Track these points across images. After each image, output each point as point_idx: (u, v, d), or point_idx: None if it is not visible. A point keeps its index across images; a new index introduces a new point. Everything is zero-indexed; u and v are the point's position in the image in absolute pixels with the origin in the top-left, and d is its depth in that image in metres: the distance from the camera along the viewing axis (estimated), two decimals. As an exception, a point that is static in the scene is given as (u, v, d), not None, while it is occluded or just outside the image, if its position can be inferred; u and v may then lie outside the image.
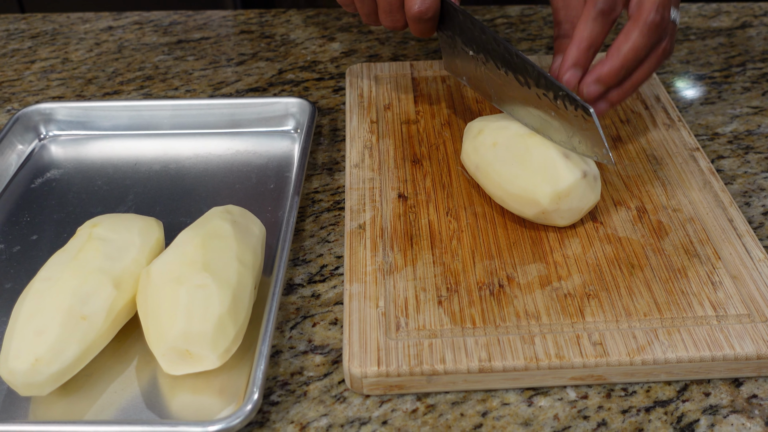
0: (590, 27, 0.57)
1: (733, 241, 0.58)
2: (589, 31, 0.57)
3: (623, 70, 0.57)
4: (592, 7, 0.57)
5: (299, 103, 0.75)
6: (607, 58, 0.57)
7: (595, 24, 0.57)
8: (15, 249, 0.63)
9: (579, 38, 0.57)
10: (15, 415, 0.50)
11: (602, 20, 0.57)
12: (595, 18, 0.57)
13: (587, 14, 0.57)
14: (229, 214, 0.57)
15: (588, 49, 0.57)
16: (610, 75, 0.57)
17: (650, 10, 0.56)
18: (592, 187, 0.58)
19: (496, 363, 0.50)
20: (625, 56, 0.56)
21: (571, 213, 0.57)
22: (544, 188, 0.56)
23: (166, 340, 0.49)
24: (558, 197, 0.56)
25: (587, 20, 0.57)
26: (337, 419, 0.50)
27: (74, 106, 0.76)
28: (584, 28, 0.57)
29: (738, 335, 0.51)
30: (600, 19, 0.57)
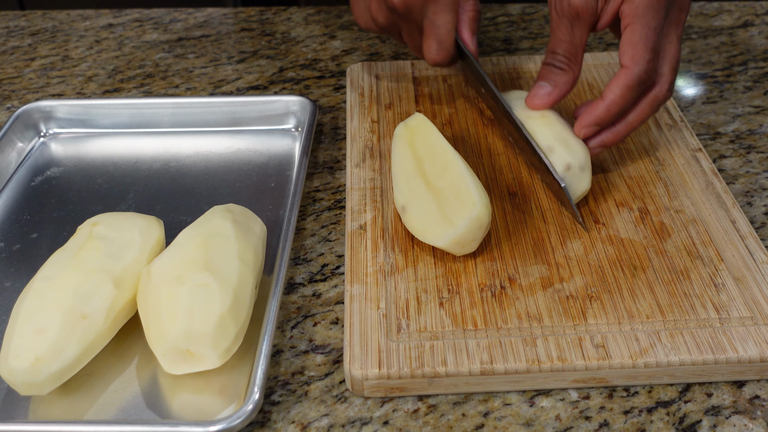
0: (625, 93, 0.58)
1: (735, 243, 0.57)
2: (623, 97, 0.58)
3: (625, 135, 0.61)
4: (631, 74, 0.57)
5: (300, 102, 0.75)
6: (602, 98, 0.59)
7: (630, 92, 0.58)
8: (15, 247, 0.63)
9: (612, 101, 0.58)
10: (15, 414, 0.50)
11: (638, 89, 0.58)
12: (632, 87, 0.58)
13: (626, 80, 0.57)
14: (230, 212, 0.56)
15: (617, 113, 0.59)
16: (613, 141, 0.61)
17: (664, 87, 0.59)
18: (579, 178, 0.60)
19: (497, 365, 0.50)
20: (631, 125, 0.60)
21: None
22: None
23: (166, 340, 0.49)
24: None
25: (624, 86, 0.58)
26: (339, 419, 0.50)
27: (74, 104, 0.76)
28: (620, 93, 0.58)
29: (741, 338, 0.51)
30: (637, 88, 0.58)
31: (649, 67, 0.57)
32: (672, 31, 0.59)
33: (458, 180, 0.56)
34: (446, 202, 0.56)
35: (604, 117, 0.59)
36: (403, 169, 0.60)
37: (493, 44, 0.89)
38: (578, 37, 0.60)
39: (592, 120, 0.60)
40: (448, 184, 0.57)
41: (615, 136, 0.61)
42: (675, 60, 0.59)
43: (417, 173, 0.59)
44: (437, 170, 0.58)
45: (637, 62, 0.57)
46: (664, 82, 0.59)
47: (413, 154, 0.60)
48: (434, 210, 0.56)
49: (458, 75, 0.78)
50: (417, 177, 0.59)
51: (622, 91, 0.58)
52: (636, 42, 0.57)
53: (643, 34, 0.57)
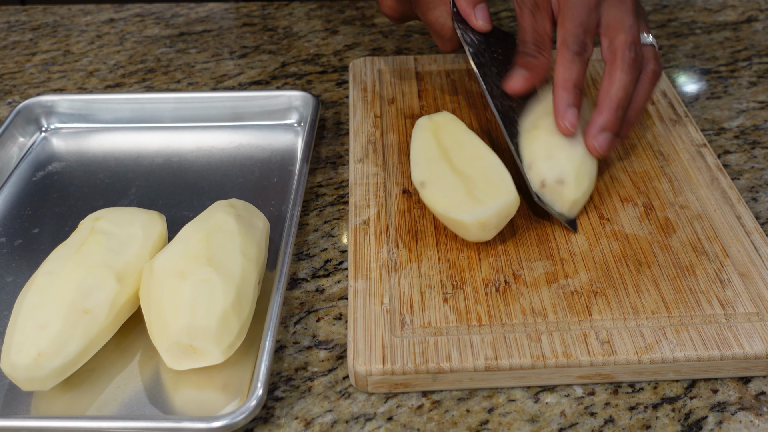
0: (571, 67, 0.60)
1: (741, 239, 0.57)
2: (572, 71, 0.60)
3: (620, 110, 0.60)
4: (566, 50, 0.60)
5: (302, 97, 0.74)
6: (601, 104, 0.60)
7: (573, 64, 0.60)
8: (17, 242, 0.62)
9: (564, 78, 0.60)
10: (17, 410, 0.50)
11: (578, 60, 0.60)
12: (572, 59, 0.60)
13: (563, 57, 0.60)
14: (233, 207, 0.56)
15: (575, 87, 0.60)
16: (611, 121, 0.60)
17: (624, 49, 0.59)
18: (558, 191, 0.59)
19: (502, 361, 0.49)
20: (617, 96, 0.59)
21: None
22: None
23: (169, 335, 0.49)
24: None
25: (565, 62, 0.60)
26: (342, 415, 0.49)
27: (76, 99, 0.75)
28: (565, 71, 0.60)
29: (747, 334, 0.50)
30: (577, 59, 0.60)
31: (579, 40, 0.59)
32: (614, 10, 0.60)
33: (491, 169, 0.57)
34: (476, 185, 0.56)
35: (567, 97, 0.60)
36: (425, 152, 0.60)
37: (496, 39, 0.89)
38: (541, 25, 0.62)
39: (563, 105, 0.60)
40: (480, 171, 0.57)
41: (627, 124, 0.61)
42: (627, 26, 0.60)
43: (441, 158, 0.59)
44: (466, 159, 0.59)
45: (568, 38, 0.60)
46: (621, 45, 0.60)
47: (437, 143, 0.61)
48: (461, 189, 0.56)
49: (461, 70, 0.78)
50: (441, 161, 0.59)
51: (565, 68, 0.60)
52: (566, 22, 0.60)
53: (571, 13, 0.60)
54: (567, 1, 0.60)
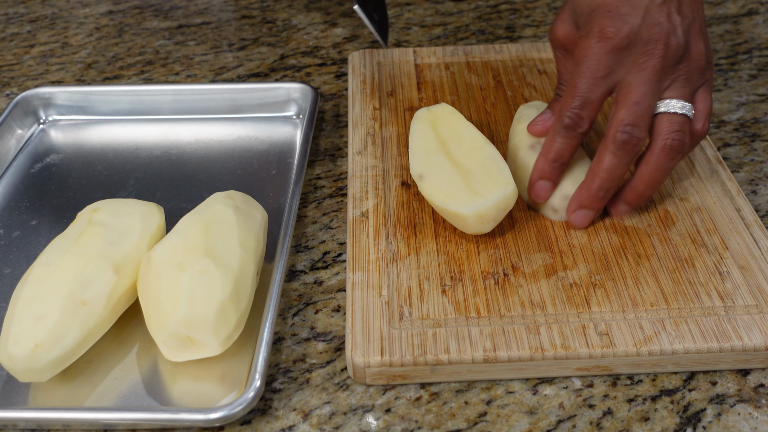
0: (556, 141, 0.57)
1: (740, 231, 0.57)
2: (556, 145, 0.57)
3: (602, 191, 0.57)
4: (558, 121, 0.57)
5: (301, 89, 0.74)
6: (585, 180, 0.57)
7: (560, 138, 0.57)
8: (14, 234, 0.62)
9: (545, 150, 0.58)
10: (14, 401, 0.50)
11: (567, 135, 0.57)
12: (560, 132, 0.57)
13: (554, 128, 0.58)
14: (231, 199, 0.56)
15: (554, 161, 0.58)
16: (590, 198, 0.57)
17: (617, 129, 0.55)
18: None
19: (501, 353, 0.49)
20: (600, 177, 0.56)
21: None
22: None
23: (167, 327, 0.49)
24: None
25: (553, 134, 0.58)
26: (340, 407, 0.49)
27: (74, 91, 0.75)
28: (551, 142, 0.58)
29: (746, 326, 0.50)
30: (565, 133, 0.57)
31: (573, 114, 0.56)
32: (630, 77, 0.55)
33: (490, 162, 0.57)
34: (474, 178, 0.56)
35: (542, 168, 0.58)
36: (423, 144, 0.60)
37: (496, 32, 0.89)
38: (571, 65, 0.59)
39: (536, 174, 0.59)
40: (478, 164, 0.57)
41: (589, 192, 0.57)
42: (631, 102, 0.55)
43: (439, 150, 0.59)
44: (465, 151, 0.58)
45: (563, 110, 0.56)
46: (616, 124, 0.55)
47: (436, 135, 0.60)
48: (459, 182, 0.56)
49: (460, 62, 0.77)
50: (439, 153, 0.59)
51: (551, 139, 0.57)
52: (566, 91, 0.57)
53: (572, 82, 0.56)
54: (576, 67, 0.56)
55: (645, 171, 0.56)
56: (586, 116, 0.56)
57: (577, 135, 0.57)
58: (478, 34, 0.88)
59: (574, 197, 0.58)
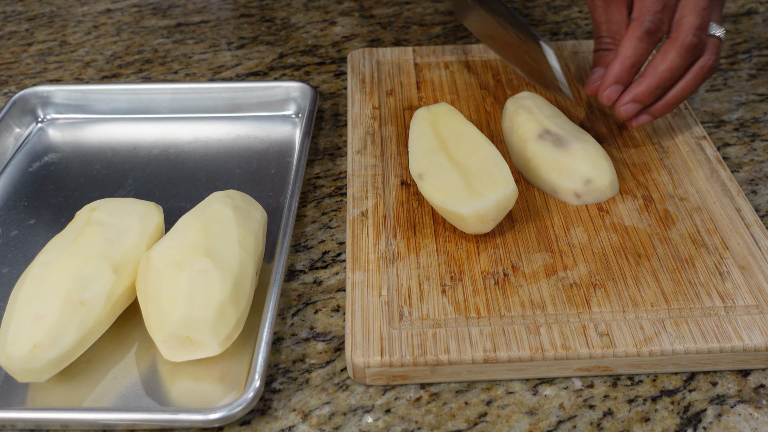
0: (635, 45, 0.59)
1: (741, 231, 0.57)
2: (634, 50, 0.59)
3: (659, 89, 0.59)
4: (638, 26, 0.58)
5: (300, 88, 0.74)
6: (644, 76, 0.59)
7: (640, 43, 0.58)
8: (12, 233, 0.62)
9: (623, 56, 0.59)
10: (13, 401, 0.50)
11: (647, 39, 0.59)
12: (641, 37, 0.58)
13: (633, 33, 0.59)
14: (230, 198, 0.56)
15: (632, 67, 0.59)
16: (646, 94, 0.59)
17: (688, 33, 0.58)
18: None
19: (501, 353, 0.49)
20: (661, 76, 0.59)
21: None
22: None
23: (166, 327, 0.48)
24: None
25: (632, 39, 0.59)
26: (340, 407, 0.49)
27: (72, 89, 0.75)
28: (629, 47, 0.59)
29: (746, 326, 0.50)
30: (645, 38, 0.58)
31: (656, 18, 0.58)
32: None
33: (489, 161, 0.57)
34: (474, 177, 0.56)
35: (619, 72, 0.59)
36: (423, 144, 0.60)
37: (495, 31, 0.89)
38: (615, 16, 0.61)
39: (610, 79, 0.59)
40: (478, 163, 0.57)
41: (647, 89, 0.60)
42: (700, 7, 0.58)
43: (439, 149, 0.59)
44: (465, 151, 0.58)
45: (644, 13, 0.58)
46: (688, 27, 0.58)
47: (435, 134, 0.61)
48: (459, 181, 0.56)
49: (460, 61, 0.77)
50: (439, 152, 0.59)
51: (630, 43, 0.59)
52: None
53: None
54: None
55: (680, 85, 0.60)
56: (666, 20, 0.58)
57: (656, 40, 0.59)
58: (477, 33, 0.88)
59: (630, 91, 0.60)
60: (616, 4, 0.61)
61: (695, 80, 0.60)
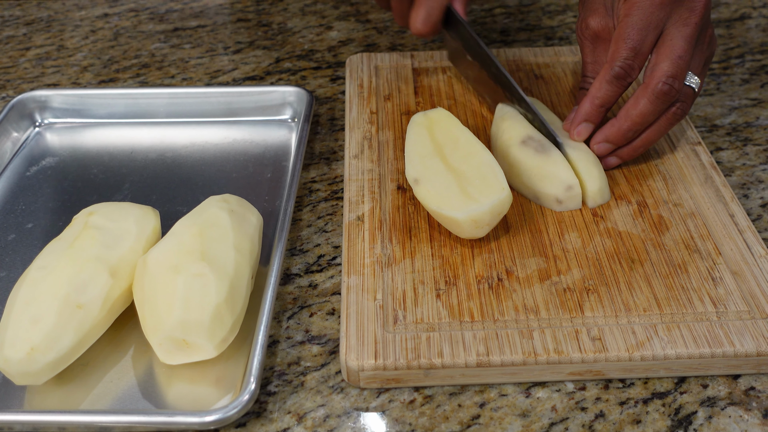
0: (604, 88, 0.61)
1: (734, 237, 0.57)
2: (603, 92, 0.61)
3: (630, 132, 0.61)
4: (608, 70, 0.60)
5: (297, 92, 0.74)
6: (617, 118, 0.61)
7: (609, 86, 0.60)
8: (10, 237, 0.62)
9: (593, 95, 0.61)
10: (10, 404, 0.50)
11: (616, 83, 0.60)
12: (610, 81, 0.60)
13: (603, 75, 0.60)
14: (227, 203, 0.56)
15: (600, 106, 0.61)
16: (618, 135, 0.61)
17: (658, 80, 0.58)
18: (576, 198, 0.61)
19: (494, 357, 0.49)
20: (632, 119, 0.60)
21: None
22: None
23: (162, 330, 0.49)
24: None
25: (602, 81, 0.60)
26: (335, 410, 0.50)
27: (70, 94, 0.75)
28: (599, 88, 0.61)
29: (738, 332, 0.51)
30: (614, 82, 0.60)
31: (625, 64, 0.59)
32: (675, 31, 0.59)
33: (485, 167, 0.57)
34: (469, 182, 0.57)
35: (588, 110, 0.61)
36: (419, 148, 0.60)
37: (490, 36, 0.89)
38: (602, 57, 0.63)
39: (580, 117, 0.62)
40: (474, 168, 0.58)
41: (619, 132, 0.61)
42: (675, 55, 0.58)
43: (435, 154, 0.60)
44: (460, 156, 0.59)
45: (615, 58, 0.59)
46: (659, 74, 0.58)
47: (432, 139, 0.61)
48: (454, 186, 0.57)
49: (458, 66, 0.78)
50: (435, 157, 0.59)
51: (600, 84, 0.60)
52: (618, 40, 0.59)
53: (624, 32, 0.59)
54: (626, 17, 0.59)
55: (648, 131, 0.61)
56: (636, 66, 0.59)
57: (625, 84, 0.60)
58: (473, 39, 0.89)
59: (602, 131, 0.61)
60: (604, 47, 0.63)
61: (663, 127, 0.61)
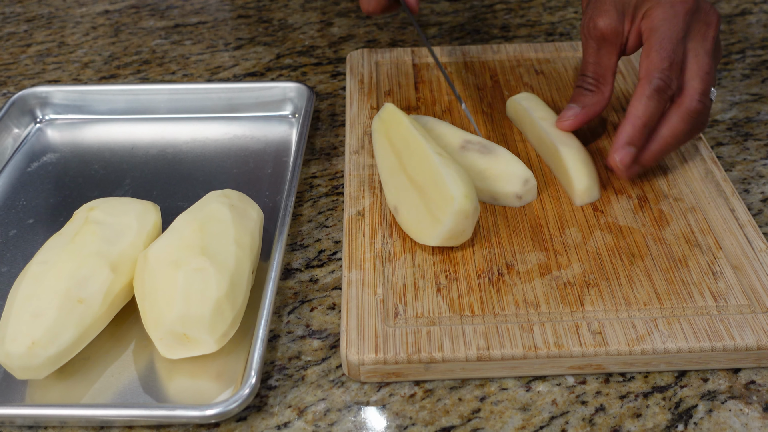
0: (645, 104, 0.56)
1: (734, 231, 0.57)
2: (644, 109, 0.56)
3: (662, 153, 0.58)
4: (647, 85, 0.56)
5: (297, 88, 0.75)
6: (651, 141, 0.58)
7: (650, 101, 0.56)
8: (11, 233, 0.62)
9: (634, 116, 0.56)
10: (12, 398, 0.50)
11: (657, 98, 0.56)
12: (650, 96, 0.56)
13: (642, 91, 0.56)
14: (227, 198, 0.56)
15: (643, 127, 0.57)
16: (651, 159, 0.58)
17: (693, 98, 0.57)
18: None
19: (494, 351, 0.50)
20: (665, 140, 0.58)
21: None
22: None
23: (163, 324, 0.49)
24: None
25: (642, 98, 0.56)
26: (335, 404, 0.50)
27: (71, 90, 0.75)
28: (639, 106, 0.56)
29: (738, 326, 0.51)
30: (655, 96, 0.56)
31: (664, 75, 0.56)
32: (698, 46, 0.57)
33: (435, 173, 0.55)
34: (430, 198, 0.55)
35: (631, 133, 0.57)
36: (386, 165, 0.60)
37: (491, 31, 0.89)
38: (606, 59, 0.60)
39: (622, 141, 0.57)
40: (428, 178, 0.56)
41: (649, 154, 0.58)
42: (704, 72, 0.57)
43: (399, 169, 0.59)
44: (415, 164, 0.57)
45: (652, 71, 0.56)
46: (692, 93, 0.57)
47: (392, 148, 0.60)
48: (422, 208, 0.56)
49: (458, 62, 0.78)
50: (400, 173, 0.58)
51: (640, 102, 0.56)
52: (651, 53, 0.56)
53: (658, 44, 0.56)
54: (655, 30, 0.56)
55: (671, 141, 0.58)
56: (675, 78, 0.56)
57: (666, 98, 0.57)
58: (473, 34, 0.89)
59: (627, 155, 0.57)
60: (608, 49, 0.60)
61: (678, 125, 0.58)
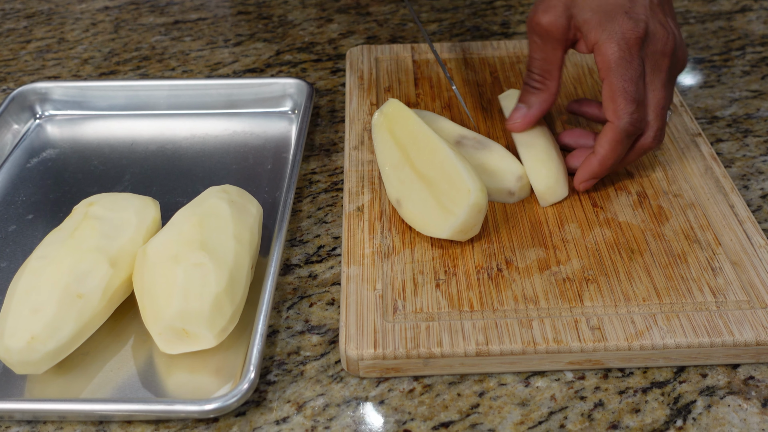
0: (614, 149, 0.57)
1: (733, 227, 0.57)
2: (613, 151, 0.57)
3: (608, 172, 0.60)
4: (615, 128, 0.57)
5: (297, 84, 0.74)
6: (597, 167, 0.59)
7: (619, 146, 0.57)
8: (11, 228, 0.62)
9: (604, 157, 0.58)
10: (11, 393, 0.50)
11: (627, 141, 0.58)
12: (621, 141, 0.57)
13: (612, 136, 0.57)
14: (226, 193, 0.56)
15: (610, 167, 0.59)
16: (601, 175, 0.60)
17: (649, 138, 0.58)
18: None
19: (493, 347, 0.50)
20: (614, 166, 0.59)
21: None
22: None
23: (162, 319, 0.49)
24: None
25: (612, 142, 0.57)
26: (334, 399, 0.50)
27: (70, 86, 0.75)
28: (609, 148, 0.57)
29: (737, 321, 0.51)
30: (625, 140, 0.57)
31: (633, 119, 0.56)
32: (655, 79, 0.57)
33: (448, 167, 0.55)
34: (440, 191, 0.55)
35: (598, 170, 0.59)
36: (389, 159, 0.60)
37: (491, 28, 0.89)
38: (551, 54, 0.60)
39: (587, 175, 0.59)
40: (439, 171, 0.56)
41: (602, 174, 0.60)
42: (659, 107, 0.57)
43: (404, 162, 0.58)
44: (425, 158, 0.57)
45: (621, 116, 0.56)
46: (649, 131, 0.58)
47: (396, 143, 0.60)
48: (430, 200, 0.56)
49: (458, 58, 0.78)
50: (405, 166, 0.58)
51: (611, 145, 0.57)
52: (616, 96, 0.56)
53: (620, 86, 0.56)
54: (613, 71, 0.56)
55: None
56: (642, 117, 0.57)
57: (633, 138, 0.58)
58: (473, 30, 0.89)
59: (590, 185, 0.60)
60: (553, 45, 0.59)
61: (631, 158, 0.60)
